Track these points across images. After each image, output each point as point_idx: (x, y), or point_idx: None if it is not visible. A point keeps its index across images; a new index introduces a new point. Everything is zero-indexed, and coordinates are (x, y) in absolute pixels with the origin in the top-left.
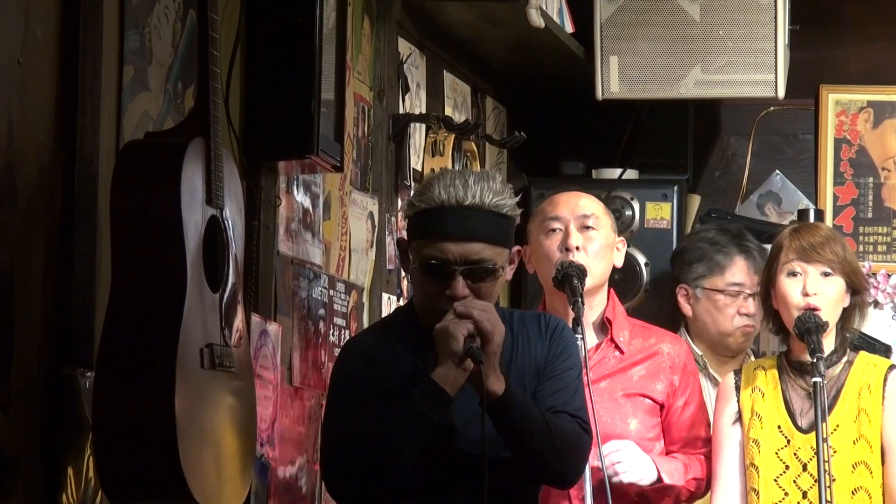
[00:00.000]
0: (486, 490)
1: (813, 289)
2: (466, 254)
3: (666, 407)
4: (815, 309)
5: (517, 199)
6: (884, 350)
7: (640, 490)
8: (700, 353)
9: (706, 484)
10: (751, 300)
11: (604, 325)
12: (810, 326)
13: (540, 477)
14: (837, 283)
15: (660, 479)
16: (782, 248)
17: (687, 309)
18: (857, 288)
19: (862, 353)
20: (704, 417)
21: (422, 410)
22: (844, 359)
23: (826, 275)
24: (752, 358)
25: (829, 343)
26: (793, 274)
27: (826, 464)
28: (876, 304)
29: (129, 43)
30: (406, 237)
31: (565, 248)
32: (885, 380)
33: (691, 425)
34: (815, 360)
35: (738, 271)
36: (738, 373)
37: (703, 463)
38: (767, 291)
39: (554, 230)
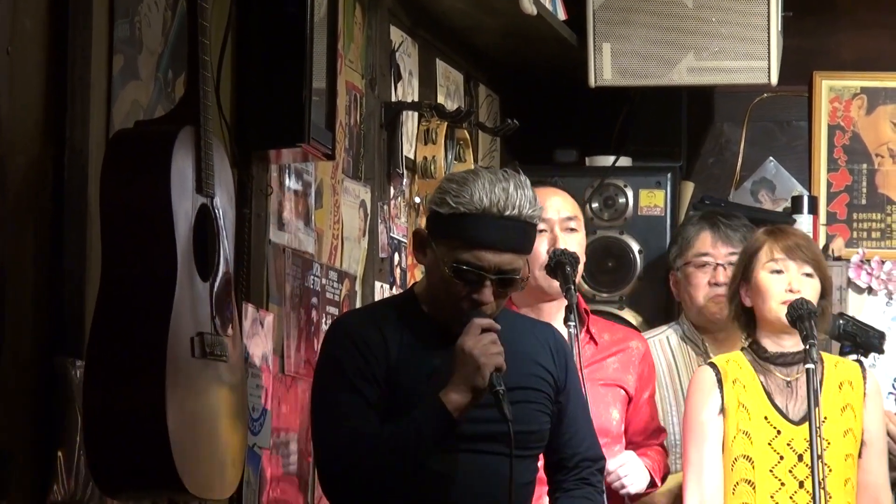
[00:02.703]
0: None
1: (797, 286)
2: (501, 264)
3: (634, 399)
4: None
5: (541, 208)
6: (878, 336)
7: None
8: (701, 337)
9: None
10: (720, 269)
11: (579, 316)
12: (803, 313)
13: None
14: (816, 285)
15: (653, 483)
16: (762, 248)
17: (675, 293)
18: (826, 292)
19: (824, 353)
20: (656, 409)
21: (427, 435)
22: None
23: (808, 275)
24: None
25: (798, 342)
26: (777, 272)
27: (819, 445)
28: (870, 290)
29: (118, 32)
30: (427, 230)
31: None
32: (865, 378)
33: (652, 417)
34: (807, 347)
35: (703, 243)
36: (713, 366)
37: (662, 454)
38: (737, 290)
39: (541, 231)
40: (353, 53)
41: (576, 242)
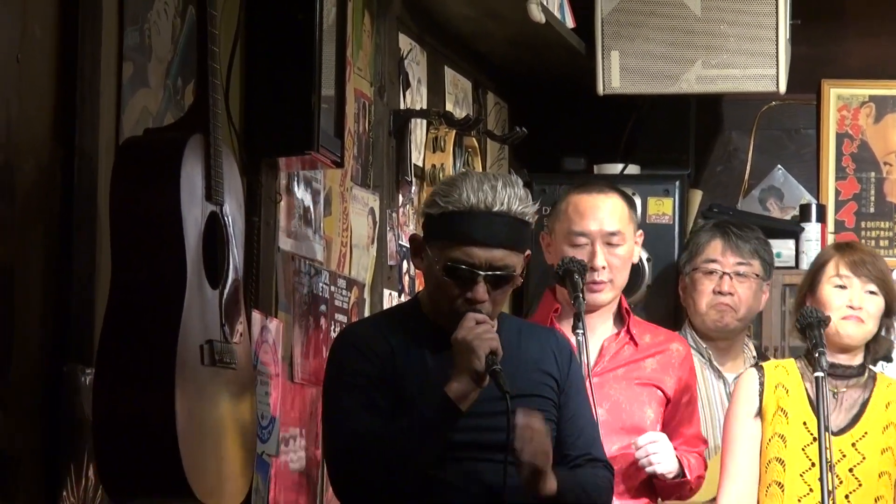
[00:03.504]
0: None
1: (858, 302)
2: (491, 259)
3: (672, 402)
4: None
5: (536, 206)
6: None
7: (662, 482)
8: (704, 345)
9: (703, 480)
10: (726, 278)
11: (620, 317)
12: (812, 321)
13: None
14: (879, 302)
15: (682, 473)
16: (829, 262)
17: (682, 297)
18: (891, 310)
19: (880, 373)
20: (699, 417)
21: (435, 427)
22: (868, 373)
23: (871, 293)
24: (752, 349)
25: (858, 357)
26: (841, 287)
27: (827, 451)
28: None
29: (128, 39)
30: (423, 234)
31: (591, 268)
32: None
33: (693, 423)
34: (817, 354)
35: (713, 250)
36: (759, 369)
37: (701, 461)
38: (802, 301)
39: (580, 245)
40: (361, 61)
41: (616, 258)
